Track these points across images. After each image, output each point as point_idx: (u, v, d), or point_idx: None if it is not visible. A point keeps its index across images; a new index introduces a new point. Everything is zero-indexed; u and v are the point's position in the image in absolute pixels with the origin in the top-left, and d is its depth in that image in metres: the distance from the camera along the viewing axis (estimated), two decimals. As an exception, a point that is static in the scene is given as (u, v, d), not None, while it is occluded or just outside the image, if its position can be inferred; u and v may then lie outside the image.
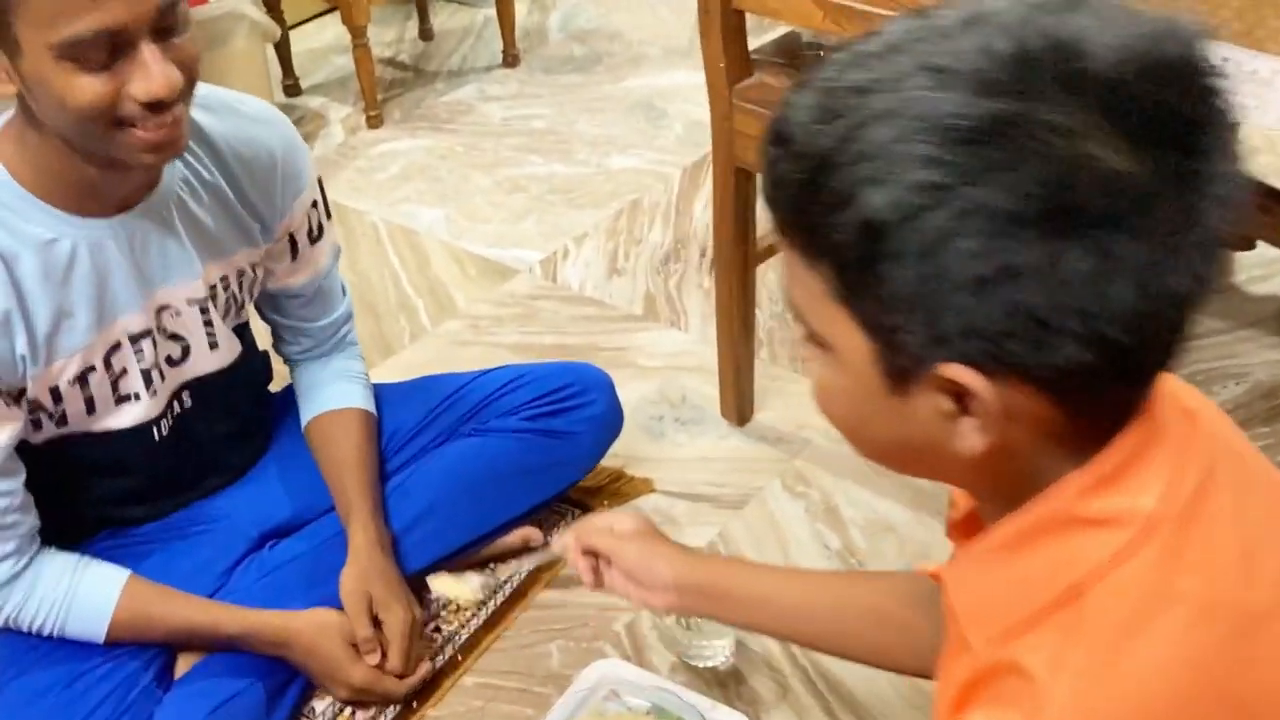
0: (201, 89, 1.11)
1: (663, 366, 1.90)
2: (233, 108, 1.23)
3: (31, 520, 1.20)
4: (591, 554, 1.08)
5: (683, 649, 1.40)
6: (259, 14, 2.44)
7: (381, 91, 2.72)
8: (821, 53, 1.48)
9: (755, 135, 1.47)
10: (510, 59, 2.87)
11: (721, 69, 1.45)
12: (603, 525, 1.08)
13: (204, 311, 1.25)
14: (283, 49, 2.74)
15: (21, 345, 1.10)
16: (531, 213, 2.32)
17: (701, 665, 1.40)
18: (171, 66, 0.99)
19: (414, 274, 2.17)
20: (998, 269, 0.55)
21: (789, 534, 1.58)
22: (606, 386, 1.52)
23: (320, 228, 1.36)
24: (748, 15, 1.42)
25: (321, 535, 1.38)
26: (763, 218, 1.68)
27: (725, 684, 1.39)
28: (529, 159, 2.50)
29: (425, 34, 3.05)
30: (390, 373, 1.91)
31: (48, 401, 1.16)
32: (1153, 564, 0.60)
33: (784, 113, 0.61)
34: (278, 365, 1.52)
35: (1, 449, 1.12)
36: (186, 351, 1.27)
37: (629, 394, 1.73)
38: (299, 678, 1.32)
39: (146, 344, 1.21)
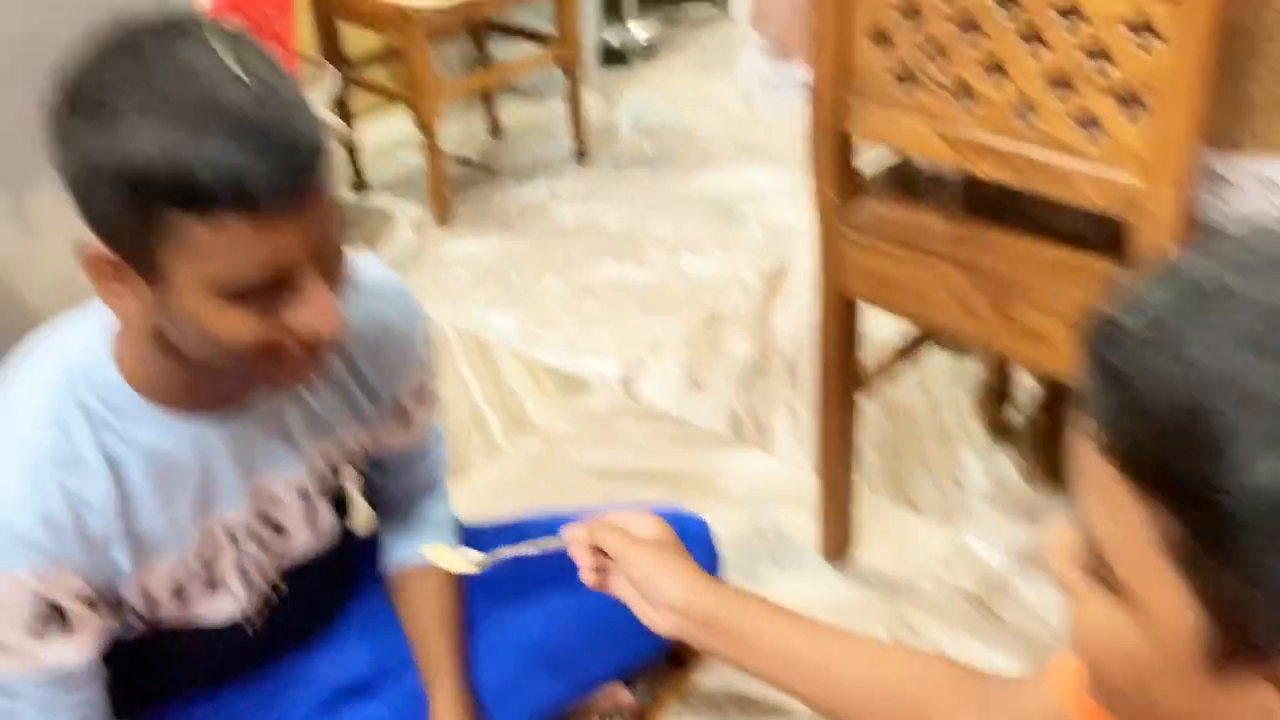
0: None
1: (752, 495, 1.79)
2: (350, 280, 1.14)
3: None
4: (600, 552, 0.97)
5: None
6: (328, 114, 2.41)
7: (450, 190, 2.67)
8: (939, 183, 1.39)
9: (862, 264, 1.38)
10: (580, 156, 2.82)
11: (831, 196, 1.36)
12: (619, 523, 0.97)
13: (304, 496, 1.16)
14: (349, 146, 2.70)
15: (122, 554, 1.01)
16: (605, 320, 2.24)
17: None
18: (335, 299, 0.89)
19: (486, 385, 2.09)
20: None
21: (898, 692, 1.46)
22: (705, 539, 1.41)
23: (430, 391, 1.27)
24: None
25: (401, 698, 1.28)
26: (868, 346, 1.61)
27: None
28: (601, 260, 2.43)
29: (494, 130, 3.01)
30: (464, 493, 1.82)
31: (140, 604, 1.07)
32: None
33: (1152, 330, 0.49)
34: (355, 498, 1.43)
35: (88, 656, 1.03)
36: (280, 531, 1.17)
37: (718, 525, 1.62)
38: None
39: (243, 535, 1.12)
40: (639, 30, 3.42)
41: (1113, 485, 0.50)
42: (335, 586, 1.34)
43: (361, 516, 1.43)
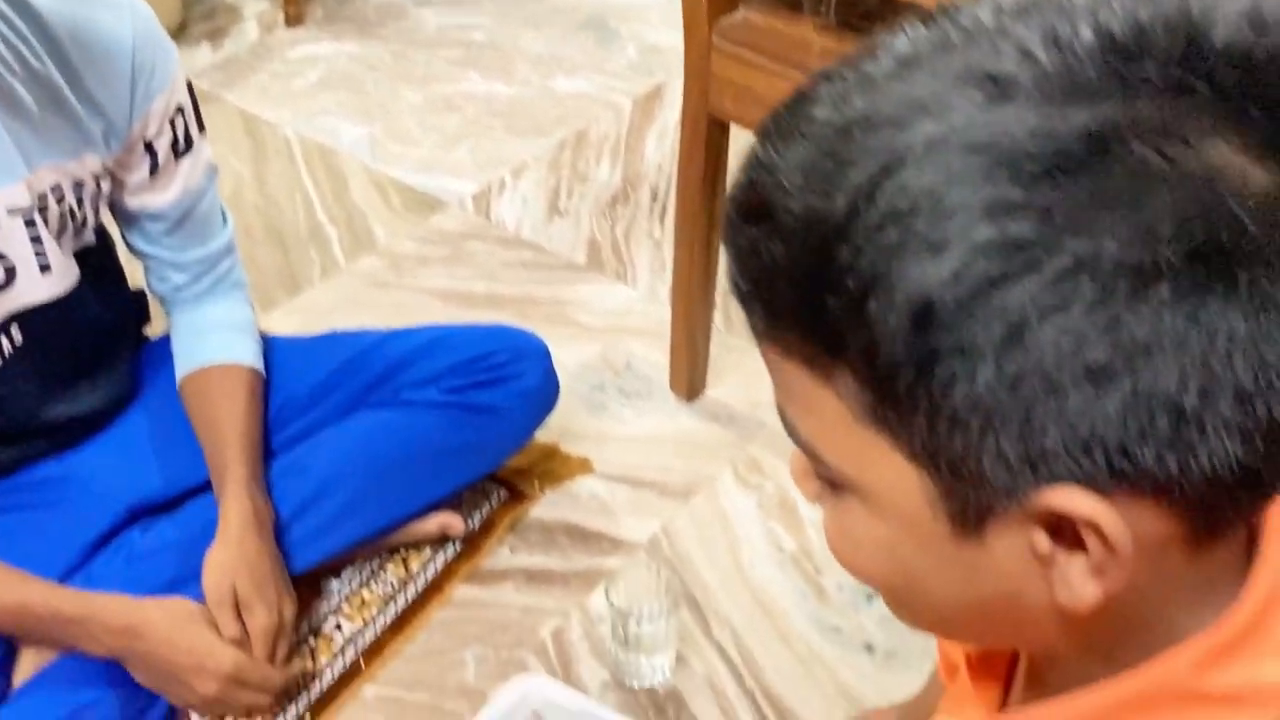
0: None
1: (606, 327, 1.70)
2: None
3: None
4: None
5: (617, 666, 1.24)
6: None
7: (303, -15, 2.44)
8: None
9: (735, 80, 1.27)
10: (449, -41, 2.60)
11: (702, 1, 1.24)
12: None
13: (30, 224, 1.03)
14: (192, -73, 2.44)
15: None
16: (466, 137, 2.09)
17: (637, 685, 1.24)
18: None
19: (329, 200, 1.93)
20: (1119, 348, 0.38)
21: (740, 532, 1.41)
22: (541, 355, 1.32)
23: (188, 139, 1.14)
24: (737, -62, 1.21)
25: (199, 520, 1.17)
26: (734, 170, 1.50)
27: (664, 708, 1.23)
28: (466, 75, 2.26)
29: (356, -77, 2.75)
30: (293, 314, 1.70)
31: None
32: None
33: (759, 176, 0.43)
34: (157, 310, 1.29)
35: None
36: (11, 274, 1.04)
37: (567, 356, 1.54)
38: (160, 700, 1.12)
39: None
40: None
41: (786, 371, 0.45)
42: (109, 368, 1.22)
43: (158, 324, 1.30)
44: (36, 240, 1.04)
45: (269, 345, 1.28)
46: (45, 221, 1.03)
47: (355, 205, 1.92)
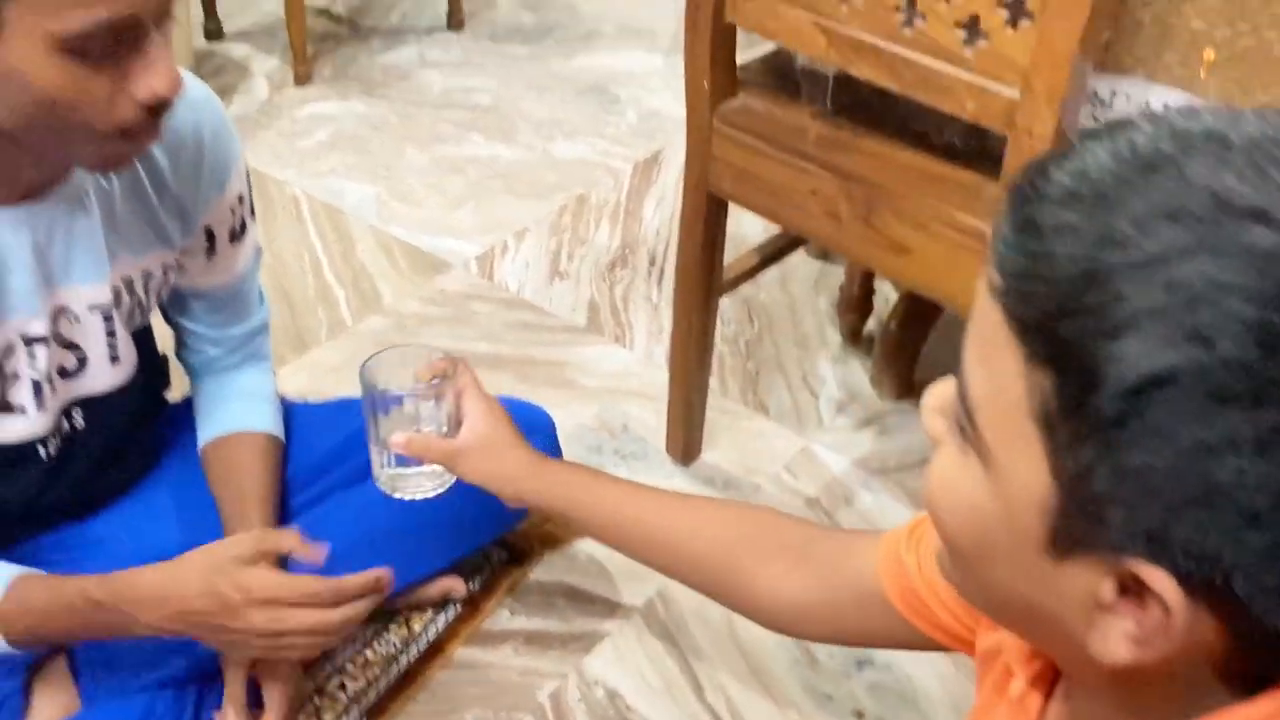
0: None
1: (604, 389, 1.75)
2: None
3: None
4: None
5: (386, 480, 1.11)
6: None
7: (312, 44, 2.50)
8: (815, 79, 1.33)
9: (734, 163, 1.32)
10: (455, 21, 2.67)
11: (705, 88, 1.29)
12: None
13: (108, 319, 1.07)
14: (205, -13, 2.51)
15: None
16: (469, 199, 2.14)
17: (408, 497, 1.12)
18: (174, 62, 0.85)
19: (337, 260, 1.98)
20: None
21: (733, 596, 1.45)
22: (548, 430, 1.36)
23: (243, 225, 1.19)
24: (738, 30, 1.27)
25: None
26: (732, 245, 1.56)
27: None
28: (469, 137, 2.31)
29: (364, -16, 2.83)
30: (300, 371, 1.74)
31: None
32: None
33: (1043, 193, 0.46)
34: (177, 372, 1.33)
35: None
36: (83, 364, 1.08)
37: (566, 417, 1.58)
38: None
39: (41, 350, 1.03)
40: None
41: (998, 334, 0.47)
42: (142, 441, 1.26)
43: (179, 388, 1.34)
44: (111, 334, 1.07)
45: (288, 411, 1.32)
46: (119, 314, 1.07)
47: (362, 265, 1.97)
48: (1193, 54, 1.06)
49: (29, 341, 1.02)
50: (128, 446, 1.22)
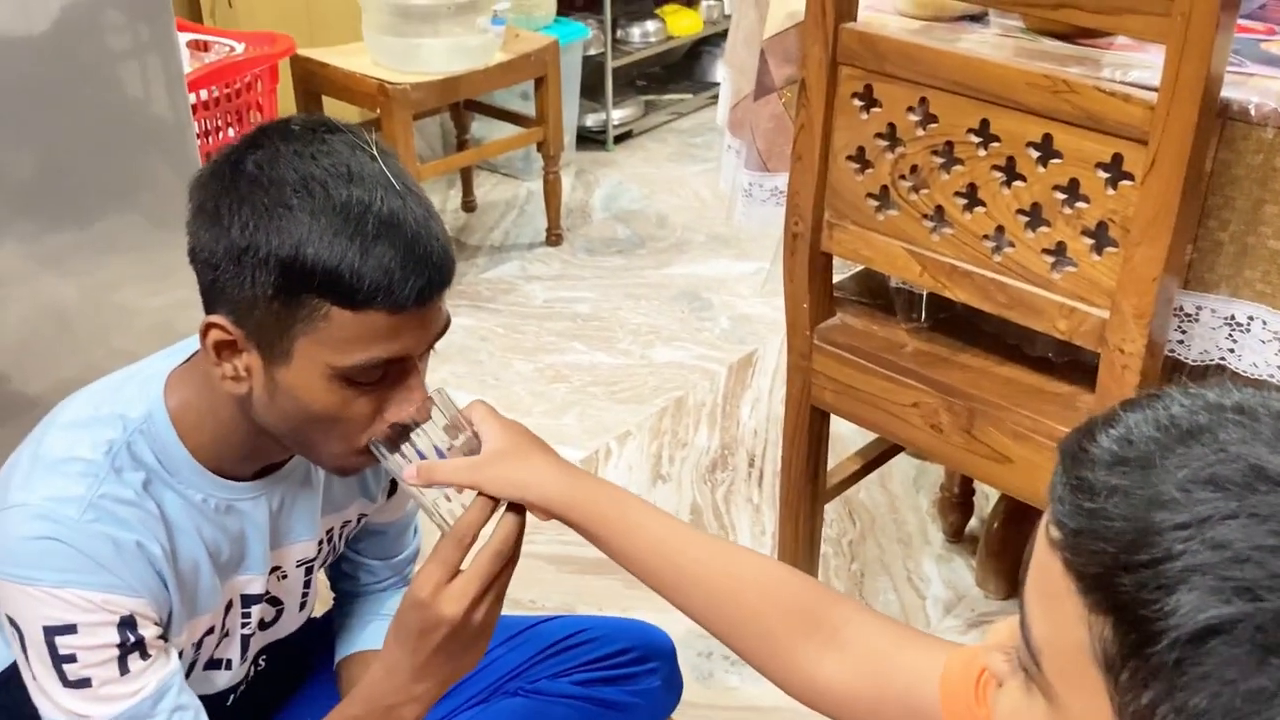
0: None
1: (711, 592, 1.78)
2: None
3: None
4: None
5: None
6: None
7: (422, 264, 2.67)
8: (909, 295, 1.41)
9: (834, 377, 1.40)
10: (553, 237, 2.84)
11: (805, 309, 1.38)
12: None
13: (309, 571, 1.16)
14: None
15: (176, 599, 1.01)
16: (573, 405, 2.24)
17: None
18: (425, 388, 0.94)
19: (449, 468, 2.07)
20: None
21: (852, 805, 1.44)
22: (669, 655, 1.39)
23: None
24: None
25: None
26: (834, 441, 1.61)
27: None
28: (571, 346, 2.43)
29: (468, 205, 3.03)
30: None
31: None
32: None
33: (1094, 458, 0.52)
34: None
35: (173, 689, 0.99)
36: (279, 613, 1.16)
37: (674, 624, 1.61)
38: None
39: (255, 608, 1.11)
40: (617, 114, 3.46)
41: (1060, 582, 0.52)
42: (298, 665, 1.33)
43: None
44: (307, 585, 1.15)
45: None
46: (317, 563, 1.15)
47: (473, 473, 2.06)
48: (1272, 271, 1.12)
49: (247, 601, 1.10)
50: (286, 672, 1.28)
